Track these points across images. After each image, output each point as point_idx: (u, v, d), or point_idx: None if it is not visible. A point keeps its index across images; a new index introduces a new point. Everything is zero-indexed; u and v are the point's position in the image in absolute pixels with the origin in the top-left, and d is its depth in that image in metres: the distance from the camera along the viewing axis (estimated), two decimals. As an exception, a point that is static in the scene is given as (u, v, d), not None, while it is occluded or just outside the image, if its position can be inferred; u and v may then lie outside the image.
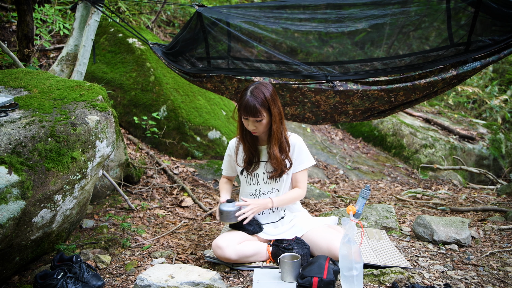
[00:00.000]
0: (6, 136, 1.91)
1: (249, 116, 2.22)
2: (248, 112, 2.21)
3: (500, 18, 2.61)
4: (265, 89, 2.24)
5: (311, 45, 3.09)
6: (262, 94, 2.21)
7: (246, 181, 2.44)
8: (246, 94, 2.22)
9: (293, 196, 2.42)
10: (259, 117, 2.21)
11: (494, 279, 2.10)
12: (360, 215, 1.91)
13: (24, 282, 2.12)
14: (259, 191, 2.41)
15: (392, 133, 6.85)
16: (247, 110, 2.20)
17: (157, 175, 4.06)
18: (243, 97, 2.22)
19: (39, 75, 2.63)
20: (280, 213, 2.43)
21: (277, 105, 2.27)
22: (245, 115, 2.24)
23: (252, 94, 2.21)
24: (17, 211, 1.82)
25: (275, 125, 2.26)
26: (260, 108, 2.19)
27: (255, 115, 2.20)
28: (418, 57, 2.88)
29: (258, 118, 2.22)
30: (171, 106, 4.70)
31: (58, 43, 5.18)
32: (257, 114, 2.20)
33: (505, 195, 4.16)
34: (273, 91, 2.27)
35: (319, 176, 5.30)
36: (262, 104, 2.20)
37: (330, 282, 1.87)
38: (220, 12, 3.03)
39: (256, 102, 2.18)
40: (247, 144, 2.38)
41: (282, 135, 2.32)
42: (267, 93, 2.22)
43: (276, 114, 2.25)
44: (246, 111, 2.21)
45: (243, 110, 2.22)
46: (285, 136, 2.35)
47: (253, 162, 2.40)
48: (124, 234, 2.78)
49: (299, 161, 2.40)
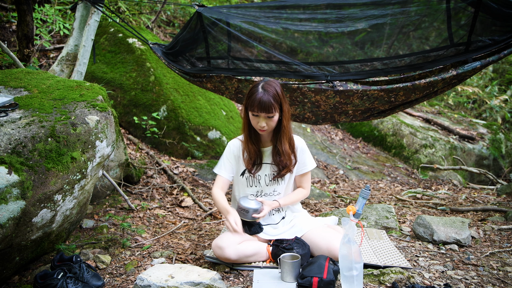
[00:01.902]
0: (6, 136, 1.91)
1: (263, 112, 2.17)
2: (261, 108, 2.16)
3: (500, 18, 2.61)
4: (276, 85, 2.23)
5: (311, 45, 3.09)
6: (274, 90, 2.19)
7: (247, 183, 2.40)
8: (257, 90, 2.19)
9: (298, 196, 2.45)
10: (272, 112, 2.18)
11: (494, 279, 2.10)
12: (360, 215, 1.91)
13: (24, 282, 2.12)
14: (260, 192, 2.40)
15: (392, 133, 6.85)
16: (261, 106, 2.16)
17: (157, 175, 4.06)
18: (255, 93, 2.18)
19: (39, 75, 2.62)
20: (281, 214, 2.44)
21: (287, 102, 2.28)
22: (257, 111, 2.18)
23: (264, 90, 2.18)
24: (17, 211, 1.82)
25: (286, 121, 2.26)
26: (274, 103, 2.17)
27: (269, 110, 2.16)
28: (418, 57, 2.88)
29: (270, 114, 2.19)
30: (171, 106, 4.70)
31: (58, 43, 5.18)
32: (271, 110, 2.17)
33: (505, 195, 4.16)
34: (281, 87, 2.27)
35: (319, 176, 5.30)
36: (275, 100, 2.18)
37: (330, 282, 1.87)
38: (220, 12, 3.02)
39: (270, 97, 2.16)
40: (253, 144, 2.36)
41: (291, 132, 2.34)
42: (278, 89, 2.22)
43: (286, 110, 2.25)
44: (259, 107, 2.16)
45: (256, 106, 2.17)
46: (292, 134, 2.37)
47: (256, 164, 2.38)
48: (124, 234, 2.78)
49: (303, 164, 2.42)
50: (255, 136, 2.35)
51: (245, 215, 2.11)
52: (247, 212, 2.09)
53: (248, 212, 2.10)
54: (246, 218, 2.14)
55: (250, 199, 2.19)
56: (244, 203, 2.16)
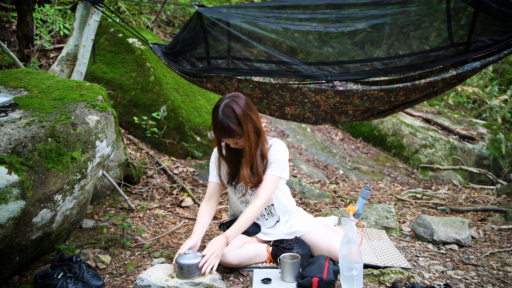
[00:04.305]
0: (6, 136, 1.91)
1: (225, 136, 2.10)
2: (223, 134, 2.08)
3: (500, 18, 2.61)
4: (236, 105, 2.06)
5: (311, 45, 3.09)
6: (233, 113, 2.05)
7: (233, 192, 2.35)
8: (218, 114, 2.06)
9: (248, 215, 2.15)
10: (236, 136, 2.08)
11: (494, 279, 2.10)
12: (360, 215, 1.91)
13: (24, 282, 2.12)
14: (245, 202, 2.33)
15: (392, 133, 6.85)
16: (223, 132, 2.07)
17: (157, 175, 4.06)
18: (216, 117, 2.07)
19: (39, 75, 2.62)
20: (275, 218, 2.35)
21: (252, 120, 2.10)
22: (221, 137, 2.13)
23: (224, 114, 2.05)
24: (17, 211, 1.82)
25: (249, 143, 2.11)
26: (235, 127, 2.05)
27: (231, 135, 2.07)
28: (418, 57, 2.88)
29: (235, 137, 2.09)
30: (171, 106, 4.70)
31: (58, 43, 5.18)
32: (233, 134, 2.07)
33: (505, 195, 4.16)
34: (245, 105, 2.10)
35: (319, 176, 5.30)
36: (236, 123, 2.05)
37: (330, 282, 1.87)
38: (220, 12, 3.03)
39: (229, 122, 2.04)
40: (228, 159, 2.27)
41: (258, 149, 2.17)
42: (238, 110, 2.05)
43: (250, 131, 2.09)
44: (221, 133, 2.08)
45: (218, 131, 2.09)
46: (262, 150, 2.19)
47: (236, 175, 2.27)
48: (124, 234, 2.78)
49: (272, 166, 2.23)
50: (231, 149, 2.23)
51: (180, 272, 1.91)
52: (182, 269, 1.90)
53: (183, 269, 1.90)
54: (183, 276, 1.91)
55: (187, 253, 1.97)
56: (179, 259, 1.94)
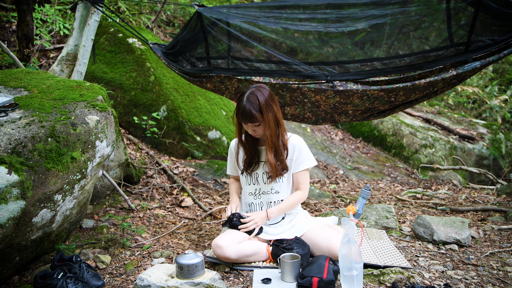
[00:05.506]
0: (6, 136, 1.91)
1: (247, 122, 2.27)
2: (245, 118, 2.26)
3: (500, 18, 2.61)
4: (261, 94, 2.26)
5: (311, 45, 3.09)
6: (257, 100, 2.23)
7: (246, 181, 2.47)
8: (243, 100, 2.26)
9: (293, 201, 2.41)
10: (256, 122, 2.26)
11: (494, 279, 2.10)
12: (360, 215, 1.91)
13: (24, 282, 2.12)
14: (258, 190, 2.42)
15: (392, 133, 6.85)
16: (244, 116, 2.25)
17: (157, 175, 4.06)
18: (240, 102, 2.26)
19: (39, 75, 2.62)
20: (281, 214, 2.44)
21: (272, 110, 2.27)
22: (242, 121, 2.30)
23: (248, 100, 2.24)
24: (17, 211, 1.82)
25: (269, 131, 2.28)
26: (256, 113, 2.23)
27: (252, 120, 2.25)
28: (418, 57, 2.88)
29: (255, 123, 2.27)
30: (171, 106, 4.70)
31: (58, 43, 5.18)
32: (254, 120, 2.25)
33: (505, 195, 4.16)
34: (269, 95, 2.28)
35: (319, 176, 5.30)
36: (257, 110, 2.23)
37: (330, 282, 1.87)
38: (220, 12, 3.03)
39: (252, 108, 2.22)
40: (247, 146, 2.43)
41: (279, 139, 2.33)
42: (262, 98, 2.24)
43: (270, 120, 2.26)
44: (243, 117, 2.26)
45: (240, 115, 2.27)
46: (282, 140, 2.35)
47: (253, 163, 2.43)
48: (124, 234, 2.78)
49: (299, 162, 2.41)
50: (250, 136, 2.40)
51: (180, 272, 1.90)
52: (182, 269, 1.89)
53: (183, 269, 1.89)
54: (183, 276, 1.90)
55: (187, 253, 1.95)
56: (179, 259, 1.92)
